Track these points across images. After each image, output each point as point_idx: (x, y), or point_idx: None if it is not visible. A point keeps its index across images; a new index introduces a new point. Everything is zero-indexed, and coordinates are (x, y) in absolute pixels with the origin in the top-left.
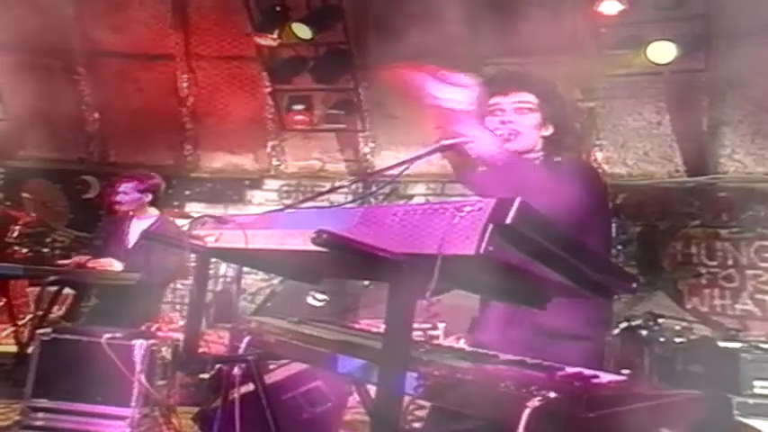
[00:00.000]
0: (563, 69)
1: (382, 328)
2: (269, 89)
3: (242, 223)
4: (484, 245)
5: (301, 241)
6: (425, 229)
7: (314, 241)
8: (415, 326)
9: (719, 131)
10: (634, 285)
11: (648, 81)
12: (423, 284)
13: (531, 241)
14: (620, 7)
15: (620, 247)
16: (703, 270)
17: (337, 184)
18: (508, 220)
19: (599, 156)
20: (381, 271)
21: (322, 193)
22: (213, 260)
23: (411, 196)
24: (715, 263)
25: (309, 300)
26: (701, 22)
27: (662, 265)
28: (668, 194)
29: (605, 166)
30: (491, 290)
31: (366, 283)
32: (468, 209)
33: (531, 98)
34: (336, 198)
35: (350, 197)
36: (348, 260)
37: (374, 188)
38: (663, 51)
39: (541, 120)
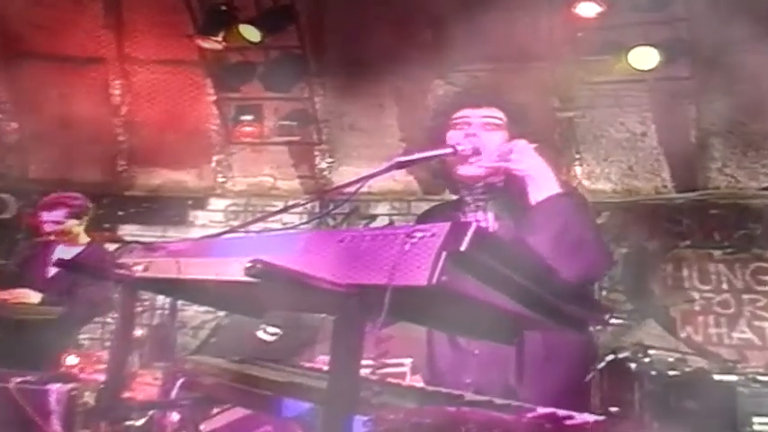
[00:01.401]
0: (538, 76)
1: None
2: (214, 97)
3: (174, 250)
4: (437, 274)
5: (240, 270)
6: (374, 258)
7: (248, 272)
8: (382, 362)
9: (709, 143)
10: (607, 317)
11: (631, 89)
12: (371, 318)
13: (491, 269)
14: (598, 9)
15: None
16: (696, 295)
17: (291, 203)
18: (463, 247)
19: (579, 170)
20: (326, 303)
21: (273, 214)
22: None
23: (374, 216)
24: (709, 287)
25: (260, 334)
26: (685, 26)
27: (651, 291)
28: (656, 212)
29: (586, 182)
30: (449, 324)
31: (323, 315)
32: (419, 234)
33: (500, 114)
34: (290, 219)
35: (305, 218)
36: (292, 291)
37: (332, 207)
38: (645, 57)
39: (508, 138)
